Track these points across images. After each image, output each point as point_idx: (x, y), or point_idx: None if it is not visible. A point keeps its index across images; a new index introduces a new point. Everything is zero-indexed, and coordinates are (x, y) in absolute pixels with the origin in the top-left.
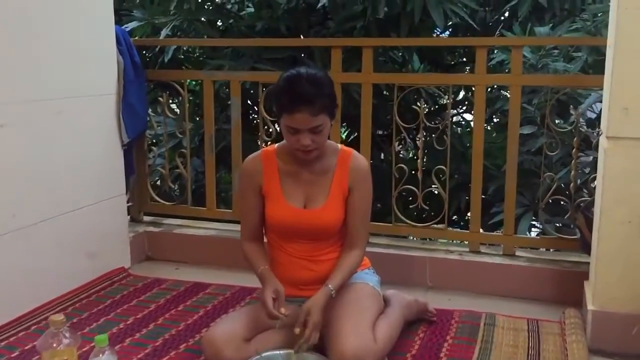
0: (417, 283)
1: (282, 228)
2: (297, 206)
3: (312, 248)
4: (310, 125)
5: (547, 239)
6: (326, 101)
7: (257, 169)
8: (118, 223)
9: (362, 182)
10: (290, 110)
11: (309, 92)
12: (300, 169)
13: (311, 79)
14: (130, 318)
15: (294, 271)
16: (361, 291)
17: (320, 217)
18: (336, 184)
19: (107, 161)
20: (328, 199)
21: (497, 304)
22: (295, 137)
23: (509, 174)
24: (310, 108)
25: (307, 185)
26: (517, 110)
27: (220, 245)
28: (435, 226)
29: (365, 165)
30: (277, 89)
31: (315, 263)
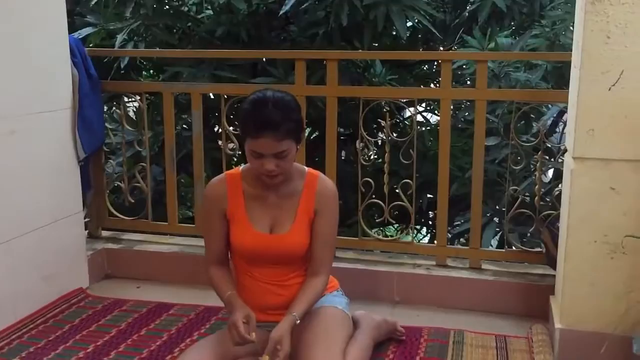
0: (385, 298)
1: (248, 253)
2: (263, 231)
3: (279, 272)
4: (274, 150)
5: (513, 252)
6: (292, 126)
7: (222, 193)
8: (75, 241)
9: (329, 206)
10: (255, 135)
11: (274, 117)
12: (266, 193)
13: (277, 103)
14: (90, 346)
15: (262, 296)
16: (331, 316)
17: (286, 242)
18: (302, 208)
19: (63, 179)
20: (294, 223)
21: (465, 319)
22: (259, 161)
23: (475, 188)
24: (275, 133)
25: (273, 209)
26: (482, 124)
27: (183, 262)
28: (402, 240)
29: (332, 189)
30: (243, 112)
31: (282, 287)
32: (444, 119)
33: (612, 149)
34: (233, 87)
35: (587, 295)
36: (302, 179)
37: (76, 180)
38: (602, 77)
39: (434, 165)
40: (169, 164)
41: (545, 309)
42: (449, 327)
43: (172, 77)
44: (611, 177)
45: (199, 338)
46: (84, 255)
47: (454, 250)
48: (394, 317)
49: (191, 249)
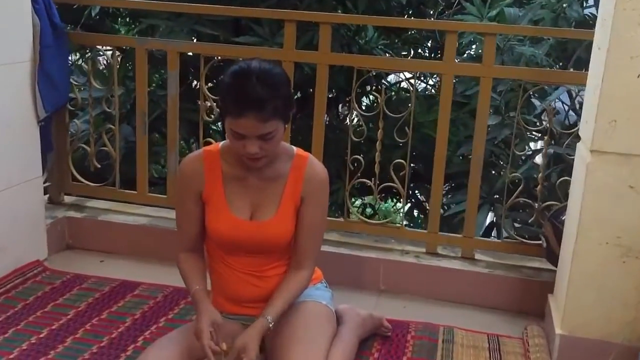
0: (369, 286)
1: (224, 241)
2: (243, 217)
3: (258, 262)
4: (258, 132)
5: (509, 243)
6: (279, 104)
7: (198, 171)
8: (33, 209)
9: (318, 193)
10: (236, 114)
11: (258, 94)
12: (247, 174)
13: (263, 77)
14: (44, 330)
15: (237, 287)
16: (313, 313)
17: (268, 231)
18: (288, 193)
19: (20, 140)
20: (278, 209)
21: (455, 313)
22: (240, 142)
23: (473, 172)
24: (259, 113)
25: (254, 193)
26: (486, 103)
27: (151, 236)
28: (391, 225)
29: (322, 174)
30: (223, 86)
31: (260, 279)
32: (445, 97)
33: (635, 143)
34: (213, 47)
35: (593, 301)
36: (289, 161)
37: (35, 141)
38: (631, 62)
39: (419, 136)
40: (140, 128)
41: (541, 307)
42: (438, 323)
43: (147, 30)
44: (631, 174)
45: (165, 325)
46: (43, 224)
47: (446, 238)
48: (379, 307)
49: (161, 222)
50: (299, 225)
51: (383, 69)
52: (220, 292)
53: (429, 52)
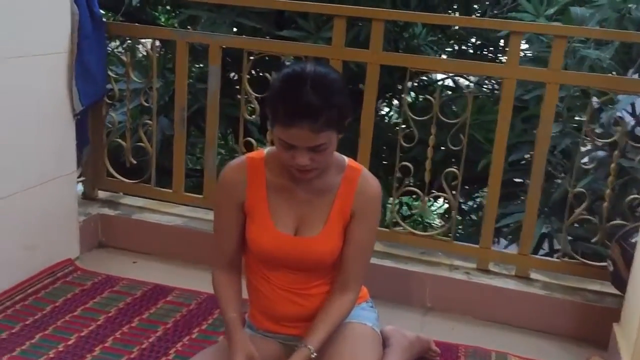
0: (415, 303)
1: (266, 256)
2: (287, 232)
3: (301, 279)
4: (310, 143)
5: (569, 264)
6: (334, 114)
7: (240, 181)
8: (66, 206)
9: (370, 210)
10: (286, 123)
11: (312, 103)
12: (294, 185)
13: (318, 83)
14: (72, 336)
15: (277, 304)
16: (359, 336)
17: (314, 248)
18: (337, 209)
19: (55, 134)
20: (326, 225)
21: (508, 337)
22: (289, 152)
23: (533, 187)
24: (312, 124)
25: (301, 206)
26: (551, 112)
27: (186, 238)
28: (440, 238)
29: (376, 189)
30: (273, 91)
31: (303, 297)
32: (505, 103)
33: None
34: (258, 42)
35: None
36: (341, 173)
37: (70, 136)
38: None
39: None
40: (178, 124)
41: (603, 335)
42: (490, 348)
43: (188, 20)
44: None
45: (198, 337)
46: (76, 221)
47: (499, 254)
48: (426, 327)
49: (196, 223)
50: (347, 243)
51: (439, 71)
52: (259, 308)
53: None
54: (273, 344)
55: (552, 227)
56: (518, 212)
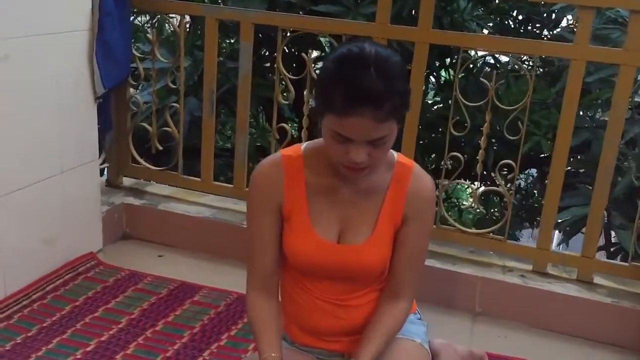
0: (464, 307)
1: (305, 266)
2: (329, 239)
3: (343, 289)
4: (370, 135)
5: (639, 269)
6: (398, 102)
7: (277, 181)
8: (89, 196)
9: (423, 212)
10: (344, 112)
11: (377, 87)
12: (339, 185)
13: (382, 66)
14: (92, 341)
15: (315, 317)
16: (407, 354)
17: (361, 257)
18: (387, 211)
19: (75, 119)
20: (374, 231)
21: (567, 349)
22: (344, 146)
23: (600, 184)
24: (376, 111)
25: (345, 209)
26: (624, 99)
27: (215, 230)
28: (493, 236)
29: (430, 190)
30: (326, 75)
31: (344, 309)
32: (572, 89)
33: None
34: (293, 18)
35: None
36: (390, 171)
37: (92, 121)
38: None
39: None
40: (207, 109)
41: None
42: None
43: None
44: None
45: (227, 344)
46: (98, 212)
47: (559, 256)
48: (475, 335)
49: (225, 215)
50: (399, 249)
51: (494, 50)
52: (295, 320)
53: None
54: (310, 359)
55: (611, 222)
56: (575, 205)
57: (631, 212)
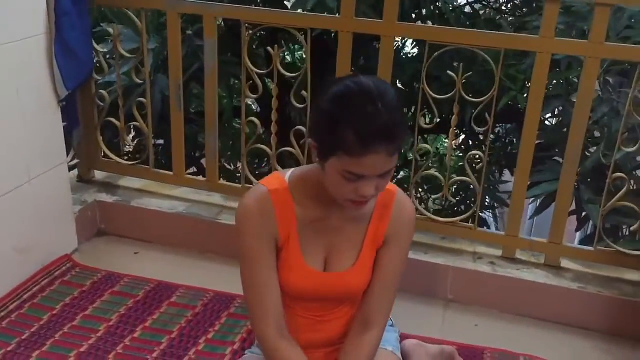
0: (436, 294)
1: (294, 293)
2: (317, 267)
3: (323, 308)
4: (383, 169)
5: (605, 253)
6: (404, 131)
7: (269, 213)
8: (59, 200)
9: (404, 235)
10: (361, 152)
11: (387, 122)
12: (327, 214)
13: (386, 99)
14: (72, 353)
15: (297, 331)
16: None
17: (347, 282)
18: (371, 236)
19: (38, 126)
20: (360, 256)
21: (537, 335)
22: (354, 185)
23: (567, 170)
24: (389, 146)
25: (331, 236)
26: (589, 89)
27: (189, 226)
28: (463, 224)
29: (411, 213)
30: (330, 117)
31: (323, 324)
32: (538, 80)
33: None
34: (258, 12)
35: None
36: (375, 197)
37: (56, 125)
38: None
39: None
40: (174, 102)
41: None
42: (518, 352)
43: None
44: None
45: (205, 349)
46: (71, 213)
47: (528, 242)
48: (447, 323)
49: (199, 208)
50: (377, 272)
51: (463, 44)
52: None
53: None
54: None
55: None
56: (546, 180)
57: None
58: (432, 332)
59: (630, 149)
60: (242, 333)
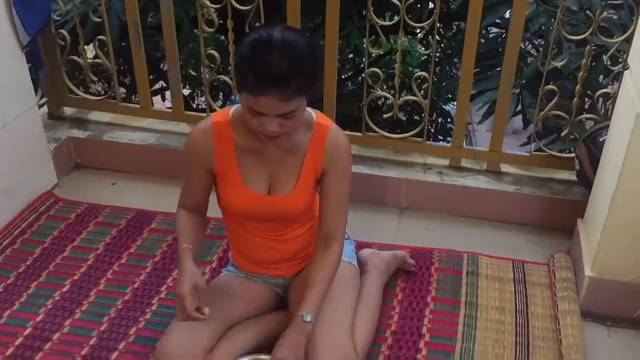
0: (391, 203)
1: (241, 214)
2: (260, 191)
3: (276, 227)
4: (279, 111)
5: (539, 157)
6: (303, 81)
7: (207, 145)
8: (34, 141)
9: (341, 164)
10: (255, 92)
11: (281, 71)
12: (263, 146)
13: (286, 50)
14: (66, 282)
15: (256, 250)
16: (337, 277)
17: (287, 204)
18: (308, 165)
19: (6, 73)
20: (298, 182)
21: (479, 233)
22: (257, 119)
23: (505, 80)
24: (282, 91)
25: (272, 165)
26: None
27: (160, 156)
28: (413, 139)
29: (344, 144)
30: (239, 57)
31: (279, 242)
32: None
33: None
34: None
35: (629, 247)
36: (309, 131)
37: (23, 70)
38: None
39: None
40: (134, 42)
41: (569, 225)
42: (462, 250)
43: None
44: None
45: None
46: (47, 152)
47: (471, 152)
48: (401, 228)
49: (168, 139)
50: (324, 200)
51: None
52: (240, 253)
53: None
54: (257, 284)
55: (523, 102)
56: (490, 89)
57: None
58: (388, 238)
59: (558, 63)
60: (218, 252)
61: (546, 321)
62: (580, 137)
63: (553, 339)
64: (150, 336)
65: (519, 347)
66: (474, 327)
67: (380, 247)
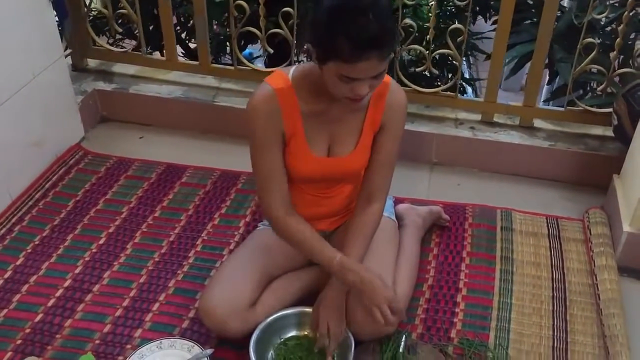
0: (422, 159)
1: (302, 178)
2: (321, 154)
3: (328, 186)
4: (375, 72)
5: (574, 112)
6: (394, 39)
7: (276, 111)
8: (62, 92)
9: (398, 120)
10: (354, 59)
11: (379, 34)
12: (328, 107)
13: (376, 9)
14: (102, 234)
15: (303, 207)
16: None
17: (348, 165)
18: (369, 123)
19: (34, 23)
20: (358, 142)
21: (512, 189)
22: (349, 85)
23: (543, 33)
24: (380, 53)
25: (333, 125)
26: None
27: (188, 109)
28: (444, 93)
29: (404, 101)
30: (325, 27)
31: (326, 199)
32: None
33: None
34: None
35: None
36: None
37: (51, 21)
38: None
39: None
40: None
41: (604, 181)
42: (495, 206)
43: None
44: None
45: (220, 223)
46: (75, 104)
47: (504, 107)
48: (432, 184)
49: (195, 92)
50: (375, 156)
51: None
52: None
53: None
54: None
55: (553, 56)
56: (520, 42)
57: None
58: (419, 193)
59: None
60: (251, 206)
61: (582, 276)
62: (618, 92)
63: (590, 294)
64: (190, 288)
65: (556, 302)
66: (510, 282)
67: (413, 203)
